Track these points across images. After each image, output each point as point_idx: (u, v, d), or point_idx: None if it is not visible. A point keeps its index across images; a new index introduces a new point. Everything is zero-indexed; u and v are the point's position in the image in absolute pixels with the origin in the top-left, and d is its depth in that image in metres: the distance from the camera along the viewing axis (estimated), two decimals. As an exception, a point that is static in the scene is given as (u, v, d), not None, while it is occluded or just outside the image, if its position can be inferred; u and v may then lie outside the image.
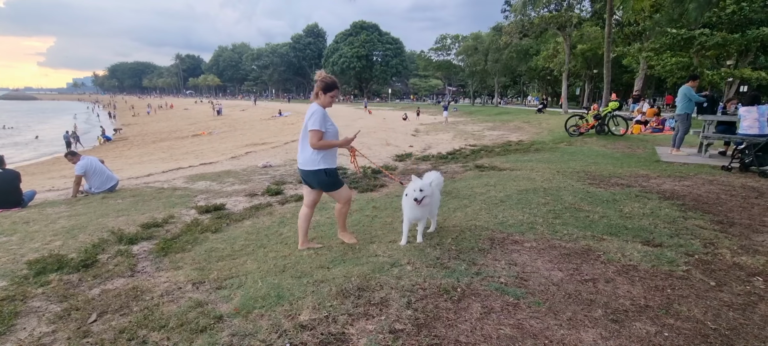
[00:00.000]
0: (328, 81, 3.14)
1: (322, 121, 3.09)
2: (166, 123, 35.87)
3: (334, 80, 3.19)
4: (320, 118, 3.09)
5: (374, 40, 65.07)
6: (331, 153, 3.23)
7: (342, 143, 3.28)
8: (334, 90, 3.17)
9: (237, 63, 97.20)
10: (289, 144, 14.30)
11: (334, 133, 3.22)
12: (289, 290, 2.51)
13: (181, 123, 34.29)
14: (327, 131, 3.14)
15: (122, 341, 2.04)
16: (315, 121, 3.06)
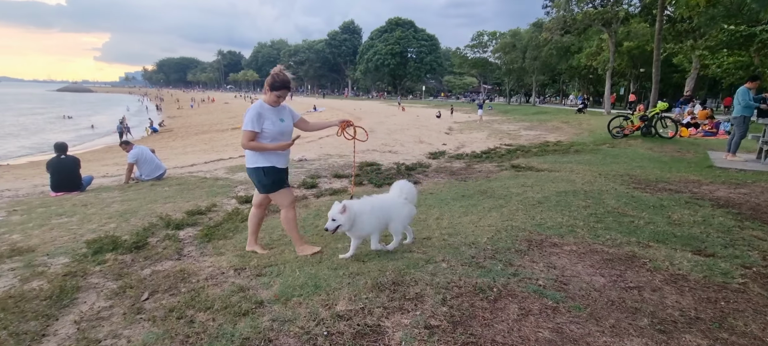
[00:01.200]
0: (276, 79, 2.94)
1: (254, 121, 2.91)
2: (208, 116, 37.48)
3: (282, 80, 2.96)
4: (252, 117, 2.91)
5: (409, 36, 64.80)
6: (275, 152, 3.02)
7: (277, 147, 3.00)
8: (280, 90, 2.96)
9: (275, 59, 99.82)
10: (323, 139, 14.56)
11: (276, 132, 2.99)
12: (326, 281, 2.57)
13: (221, 116, 35.72)
14: (264, 131, 2.95)
15: (172, 320, 2.17)
16: (246, 122, 2.93)
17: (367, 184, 6.24)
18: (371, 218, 2.96)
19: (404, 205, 3.12)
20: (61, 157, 6.08)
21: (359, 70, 69.82)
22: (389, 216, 3.06)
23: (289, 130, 3.13)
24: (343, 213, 2.84)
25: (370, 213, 2.95)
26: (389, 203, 3.10)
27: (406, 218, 3.12)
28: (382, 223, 3.06)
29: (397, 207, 3.09)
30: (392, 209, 3.08)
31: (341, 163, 8.43)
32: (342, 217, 2.84)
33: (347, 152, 10.29)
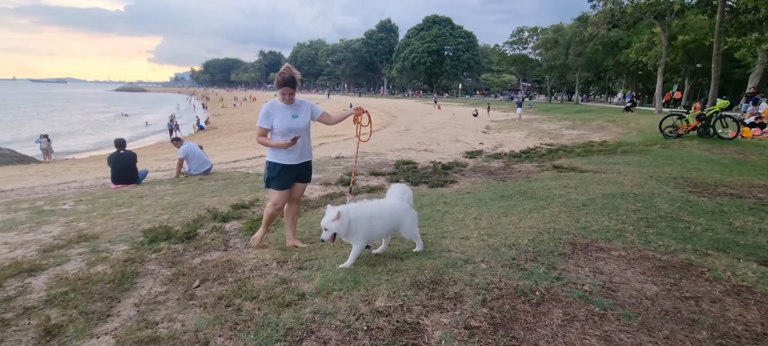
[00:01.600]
0: (279, 77, 3.08)
1: (263, 118, 3.16)
2: (250, 114, 38.95)
3: (284, 77, 3.06)
4: (262, 115, 3.17)
5: (446, 34, 63.96)
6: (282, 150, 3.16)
7: (277, 144, 3.14)
8: (283, 87, 3.07)
9: (313, 59, 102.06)
10: (359, 137, 14.72)
11: (284, 128, 3.14)
12: (365, 277, 2.61)
13: (261, 115, 36.98)
14: (273, 127, 3.16)
15: (221, 307, 2.29)
16: (259, 119, 3.19)
17: (403, 182, 6.24)
18: (370, 223, 2.82)
19: (408, 209, 3.04)
20: (120, 152, 6.56)
21: (395, 69, 69.83)
22: (397, 222, 2.98)
23: (300, 126, 3.19)
24: (337, 220, 2.70)
25: (368, 219, 2.82)
26: (395, 208, 2.99)
27: (414, 220, 3.05)
28: (385, 229, 2.96)
29: (404, 212, 3.00)
30: (400, 214, 2.98)
31: (378, 161, 8.49)
32: (334, 225, 2.70)
33: (384, 150, 10.35)
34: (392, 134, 14.62)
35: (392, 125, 18.95)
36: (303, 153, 3.30)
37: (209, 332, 2.04)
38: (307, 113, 3.26)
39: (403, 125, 18.40)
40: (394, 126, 18.44)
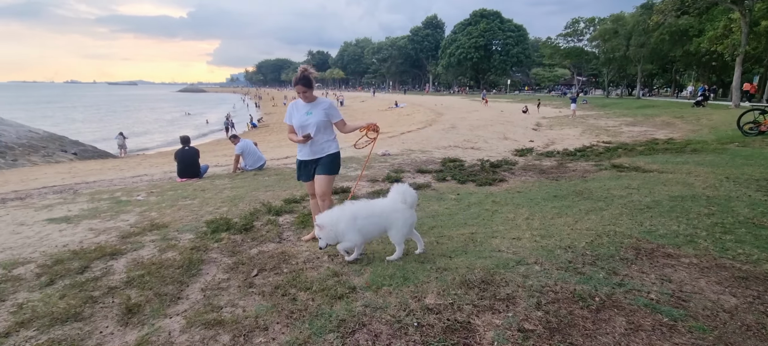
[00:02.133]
0: (295, 77, 3.24)
1: (287, 116, 3.40)
2: (298, 112, 40.35)
3: (297, 77, 3.22)
4: (287, 113, 3.39)
5: (494, 28, 62.01)
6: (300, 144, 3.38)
7: (294, 140, 3.37)
8: (297, 86, 3.24)
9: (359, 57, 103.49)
10: (405, 134, 14.73)
11: (297, 125, 3.34)
12: (414, 274, 2.62)
13: (310, 113, 38.17)
14: (294, 124, 3.35)
15: (278, 296, 2.41)
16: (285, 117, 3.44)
17: (450, 180, 6.17)
18: (355, 224, 2.78)
19: (403, 210, 2.88)
20: (185, 148, 7.08)
21: (441, 65, 68.90)
22: (386, 223, 2.88)
23: (309, 123, 3.29)
24: (323, 230, 2.74)
25: (352, 219, 2.77)
26: (386, 209, 2.90)
27: (405, 225, 2.88)
28: (375, 229, 2.90)
29: (394, 213, 2.86)
30: (389, 215, 2.86)
31: (424, 159, 8.46)
32: (323, 234, 2.76)
33: (429, 148, 10.29)
34: (438, 132, 14.47)
35: (437, 123, 18.76)
36: (315, 149, 3.37)
37: (268, 318, 2.15)
38: (321, 113, 3.32)
39: (448, 123, 18.15)
40: (440, 123, 18.24)
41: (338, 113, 3.43)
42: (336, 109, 3.45)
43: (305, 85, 3.24)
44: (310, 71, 3.27)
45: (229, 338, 2.00)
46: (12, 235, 3.88)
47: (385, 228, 2.90)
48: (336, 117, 3.41)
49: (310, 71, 3.27)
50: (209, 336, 2.01)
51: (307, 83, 3.24)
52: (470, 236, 3.43)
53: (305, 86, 3.25)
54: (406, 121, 21.92)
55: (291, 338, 1.97)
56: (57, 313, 2.27)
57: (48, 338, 2.03)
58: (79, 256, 3.17)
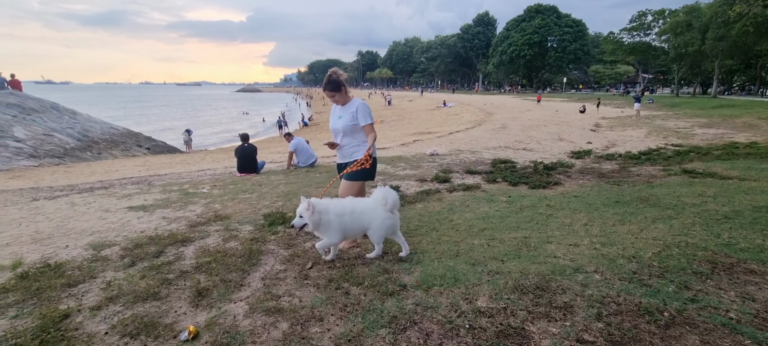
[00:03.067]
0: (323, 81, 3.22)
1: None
2: (347, 111, 41.23)
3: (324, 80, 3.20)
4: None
5: (550, 24, 59.08)
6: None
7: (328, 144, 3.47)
8: (324, 89, 3.24)
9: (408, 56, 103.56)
10: (453, 134, 14.54)
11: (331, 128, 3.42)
12: (465, 275, 2.60)
13: (358, 112, 38.85)
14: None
15: (331, 288, 2.50)
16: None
17: (501, 181, 6.01)
18: (339, 220, 2.81)
19: (383, 212, 2.88)
20: (244, 145, 7.53)
21: (492, 64, 66.96)
22: (366, 223, 2.90)
23: (336, 127, 3.33)
24: (308, 211, 2.74)
25: (338, 215, 2.81)
26: (367, 209, 2.91)
27: (383, 226, 2.89)
28: (356, 228, 2.91)
29: (375, 214, 2.88)
30: (369, 215, 2.89)
31: (473, 159, 8.31)
32: (307, 215, 2.76)
33: (479, 148, 10.08)
34: (487, 132, 14.12)
35: (487, 122, 18.29)
36: (343, 153, 3.40)
37: (323, 309, 2.25)
38: (348, 117, 3.22)
39: (499, 122, 17.63)
40: (490, 123, 17.77)
41: (366, 117, 3.23)
42: (365, 112, 3.23)
43: (332, 89, 3.17)
44: (338, 74, 3.17)
45: (287, 325, 2.11)
46: (99, 220, 4.36)
47: (365, 227, 2.94)
48: (363, 121, 3.21)
49: (339, 74, 3.18)
50: (270, 322, 2.14)
51: (334, 87, 3.16)
52: (523, 239, 3.33)
53: (332, 90, 3.18)
54: (454, 121, 21.59)
55: (345, 330, 2.04)
56: (139, 291, 2.53)
57: (132, 314, 2.28)
58: (154, 241, 3.50)
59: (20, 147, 11.65)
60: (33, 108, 14.70)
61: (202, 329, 2.09)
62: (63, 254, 3.31)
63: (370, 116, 3.24)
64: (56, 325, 2.16)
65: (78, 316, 2.28)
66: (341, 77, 3.19)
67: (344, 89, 3.21)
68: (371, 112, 3.30)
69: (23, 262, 3.15)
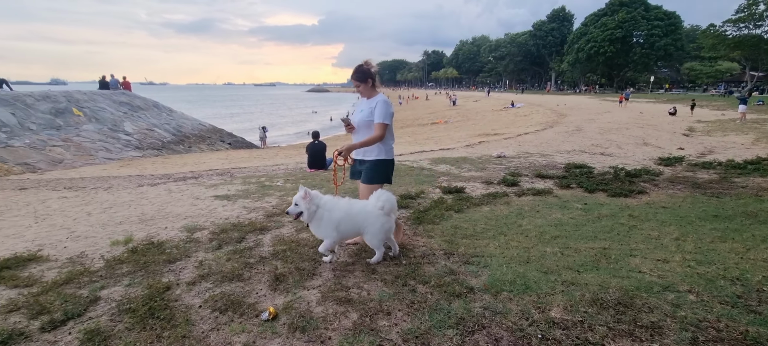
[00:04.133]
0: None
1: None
2: (411, 112, 41.34)
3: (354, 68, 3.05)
4: None
5: (637, 17, 53.60)
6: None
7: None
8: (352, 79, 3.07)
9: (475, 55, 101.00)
10: (522, 136, 13.90)
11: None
12: (536, 283, 2.50)
13: (422, 112, 38.80)
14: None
15: (398, 285, 2.55)
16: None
17: (575, 187, 5.64)
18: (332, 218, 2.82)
19: (379, 215, 2.83)
20: (314, 142, 7.92)
21: (566, 62, 62.66)
22: (362, 226, 2.87)
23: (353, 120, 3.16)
24: (304, 199, 2.76)
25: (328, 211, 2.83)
26: (363, 212, 2.88)
27: (381, 230, 2.85)
28: (351, 229, 2.89)
29: (371, 217, 2.84)
30: (365, 218, 2.85)
31: (544, 163, 7.88)
32: (303, 203, 2.77)
33: (550, 151, 9.53)
34: (560, 134, 13.29)
35: (560, 124, 17.20)
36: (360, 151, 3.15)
37: (390, 304, 2.31)
38: (367, 112, 3.03)
39: (573, 124, 16.49)
40: (562, 125, 16.69)
41: (381, 115, 2.94)
42: (383, 110, 2.95)
43: (358, 78, 3.01)
44: (369, 65, 3.01)
45: (357, 316, 2.20)
46: (191, 206, 4.88)
47: (360, 230, 2.91)
48: (377, 118, 2.94)
49: (370, 65, 3.01)
50: (340, 311, 2.25)
51: (360, 77, 3.00)
52: (602, 251, 3.10)
53: (358, 80, 3.02)
54: (522, 123, 20.63)
55: (412, 326, 2.07)
56: (225, 272, 2.80)
57: (221, 291, 2.53)
58: (237, 228, 3.84)
59: (129, 140, 13.43)
60: (139, 106, 16.85)
61: (281, 312, 2.26)
62: (163, 234, 3.77)
63: (385, 115, 2.95)
64: (160, 295, 2.48)
65: (177, 289, 2.59)
66: (371, 69, 3.02)
67: (371, 82, 3.03)
68: (390, 112, 3.01)
69: (133, 238, 3.65)
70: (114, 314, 2.30)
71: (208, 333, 2.09)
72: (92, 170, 9.57)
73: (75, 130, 12.10)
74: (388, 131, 3.05)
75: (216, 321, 2.20)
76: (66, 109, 12.83)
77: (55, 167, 9.57)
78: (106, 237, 3.76)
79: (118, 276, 2.82)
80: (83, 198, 5.67)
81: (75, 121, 12.61)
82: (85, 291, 2.58)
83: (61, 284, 2.71)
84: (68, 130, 11.86)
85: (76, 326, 2.18)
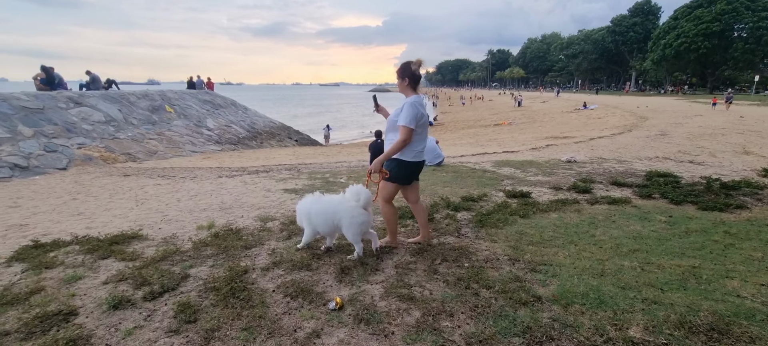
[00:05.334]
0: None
1: None
2: (474, 113, 40.37)
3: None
4: None
5: (739, 8, 46.91)
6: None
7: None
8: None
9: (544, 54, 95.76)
10: (595, 140, 12.93)
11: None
12: (612, 298, 2.33)
13: (485, 113, 37.70)
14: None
15: (461, 287, 2.54)
16: None
17: (658, 197, 5.14)
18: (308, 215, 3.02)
19: (356, 209, 2.89)
20: (377, 141, 8.09)
21: (650, 60, 56.86)
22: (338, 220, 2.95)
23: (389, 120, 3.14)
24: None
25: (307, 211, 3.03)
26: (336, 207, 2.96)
27: (354, 223, 2.90)
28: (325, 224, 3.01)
29: (347, 211, 2.90)
30: (342, 212, 2.92)
31: (621, 170, 7.27)
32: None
33: (628, 157, 8.75)
34: (639, 139, 12.15)
35: (640, 128, 15.72)
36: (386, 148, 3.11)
37: (453, 306, 2.30)
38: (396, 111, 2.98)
39: (656, 128, 14.96)
40: (643, 129, 15.23)
41: (405, 117, 2.83)
42: (409, 112, 2.84)
43: (398, 74, 2.99)
44: (416, 63, 2.93)
45: (419, 314, 2.23)
46: (264, 197, 5.25)
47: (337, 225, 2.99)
48: (401, 120, 2.86)
49: (413, 64, 2.93)
50: (403, 308, 2.29)
51: (399, 73, 2.98)
52: (690, 269, 2.80)
53: (398, 76, 2.99)
54: (596, 125, 19.17)
55: (476, 330, 2.05)
56: (295, 261, 2.99)
57: (292, 279, 2.71)
58: (305, 221, 4.06)
59: (210, 135, 14.76)
60: (219, 104, 18.44)
61: (346, 303, 2.36)
62: (240, 222, 4.11)
63: (409, 119, 2.83)
64: (240, 277, 2.71)
65: (253, 273, 2.81)
66: (411, 66, 2.92)
67: (408, 81, 2.94)
68: (417, 114, 2.87)
69: (215, 224, 4.02)
70: (201, 290, 2.57)
71: (281, 316, 2.25)
72: (180, 162, 10.68)
73: (167, 125, 13.59)
74: (417, 135, 2.95)
75: (287, 306, 2.36)
76: (160, 107, 14.44)
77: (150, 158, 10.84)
78: (193, 222, 4.19)
79: (204, 257, 3.13)
80: (173, 186, 6.36)
81: (167, 117, 14.16)
82: (177, 268, 2.91)
83: (158, 260, 3.08)
84: (161, 125, 13.35)
85: (171, 299, 2.47)
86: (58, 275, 2.85)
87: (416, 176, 3.26)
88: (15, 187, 6.94)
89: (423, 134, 3.04)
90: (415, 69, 2.93)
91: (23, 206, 5.51)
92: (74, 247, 3.45)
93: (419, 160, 3.09)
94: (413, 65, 2.93)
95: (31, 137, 9.05)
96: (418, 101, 2.94)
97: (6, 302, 2.46)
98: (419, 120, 2.90)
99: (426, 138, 3.13)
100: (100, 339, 2.08)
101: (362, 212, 2.94)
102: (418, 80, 2.98)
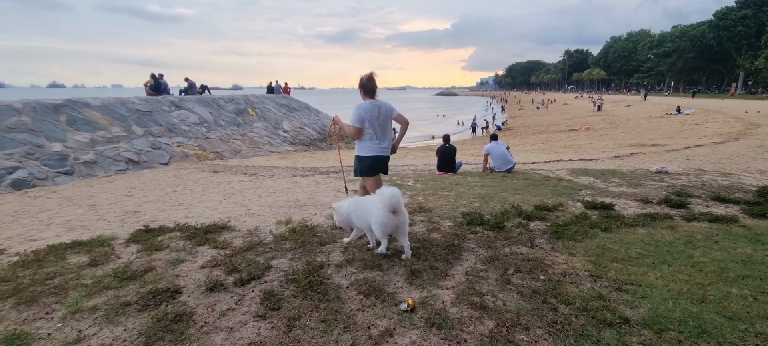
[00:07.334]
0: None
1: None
2: (546, 117, 38.15)
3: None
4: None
5: None
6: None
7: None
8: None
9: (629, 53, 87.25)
10: (691, 149, 11.51)
11: None
12: (717, 329, 2.08)
13: (559, 117, 35.41)
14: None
15: (537, 300, 2.43)
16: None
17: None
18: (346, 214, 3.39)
19: (378, 209, 3.01)
20: (445, 145, 8.03)
21: (763, 57, 49.05)
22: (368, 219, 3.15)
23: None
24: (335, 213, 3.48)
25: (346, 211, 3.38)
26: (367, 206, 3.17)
27: (376, 223, 3.03)
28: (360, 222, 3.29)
29: (373, 211, 3.07)
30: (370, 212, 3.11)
31: (725, 184, 6.39)
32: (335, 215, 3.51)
33: (733, 170, 7.65)
34: (749, 149, 10.57)
35: (749, 136, 13.65)
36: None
37: (529, 319, 2.22)
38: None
39: (773, 137, 12.87)
40: (753, 137, 13.22)
41: (350, 118, 3.70)
42: (353, 113, 3.65)
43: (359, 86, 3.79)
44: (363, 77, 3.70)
45: (493, 324, 2.19)
46: (334, 197, 5.51)
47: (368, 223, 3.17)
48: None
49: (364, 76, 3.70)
50: (476, 316, 2.26)
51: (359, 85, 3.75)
52: None
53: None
54: (692, 133, 17.02)
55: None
56: (366, 260, 3.10)
57: (364, 277, 2.81)
58: (375, 222, 4.18)
59: (286, 136, 15.80)
60: (294, 107, 19.65)
61: (418, 306, 2.39)
62: (314, 219, 4.36)
63: (352, 119, 3.66)
64: (317, 271, 2.88)
65: (328, 269, 2.97)
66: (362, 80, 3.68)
67: (362, 91, 3.69)
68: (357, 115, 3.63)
69: (292, 220, 4.31)
70: (282, 281, 2.78)
71: (355, 312, 2.35)
72: (260, 160, 11.58)
73: (249, 126, 14.82)
74: (366, 133, 3.68)
75: (361, 303, 2.46)
76: (244, 110, 15.80)
77: (235, 156, 11.91)
78: (272, 217, 4.53)
79: (284, 250, 3.38)
80: (255, 183, 6.93)
81: (249, 119, 15.43)
82: (261, 259, 3.18)
83: (245, 250, 3.39)
84: (245, 126, 14.60)
85: (257, 286, 2.71)
86: (165, 257, 3.27)
87: (379, 170, 3.88)
88: (129, 178, 8.07)
89: (376, 133, 3.70)
90: (364, 81, 3.67)
91: (135, 195, 6.39)
92: (176, 233, 3.92)
93: (374, 155, 3.74)
94: (363, 78, 3.68)
95: (141, 136, 10.46)
96: (363, 106, 3.63)
97: (127, 276, 2.89)
98: (368, 121, 3.62)
99: (381, 137, 3.75)
100: (201, 317, 2.35)
101: (386, 213, 2.99)
102: (370, 89, 3.66)
